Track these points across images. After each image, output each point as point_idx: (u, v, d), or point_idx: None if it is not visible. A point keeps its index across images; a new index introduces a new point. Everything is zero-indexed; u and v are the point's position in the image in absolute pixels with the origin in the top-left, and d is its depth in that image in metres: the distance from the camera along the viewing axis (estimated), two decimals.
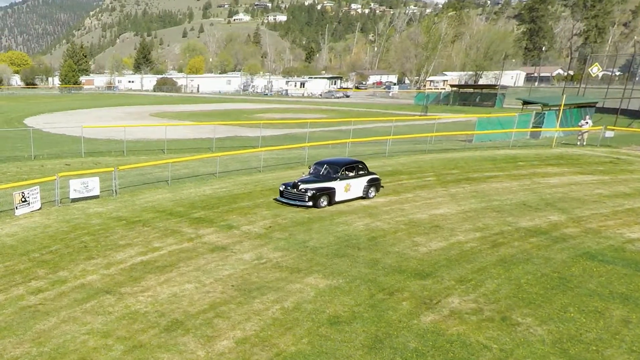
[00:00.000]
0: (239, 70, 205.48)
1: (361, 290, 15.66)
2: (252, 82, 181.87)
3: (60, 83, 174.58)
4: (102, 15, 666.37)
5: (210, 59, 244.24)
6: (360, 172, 25.14)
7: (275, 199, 25.35)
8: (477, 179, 31.54)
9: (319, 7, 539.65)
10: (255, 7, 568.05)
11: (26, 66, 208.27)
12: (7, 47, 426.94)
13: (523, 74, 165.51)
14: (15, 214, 23.82)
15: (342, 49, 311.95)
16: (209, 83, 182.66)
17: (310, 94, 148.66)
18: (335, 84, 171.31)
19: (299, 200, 23.91)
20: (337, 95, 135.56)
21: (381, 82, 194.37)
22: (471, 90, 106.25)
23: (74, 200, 26.63)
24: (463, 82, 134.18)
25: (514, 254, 18.74)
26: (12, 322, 13.45)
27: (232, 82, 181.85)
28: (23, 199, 24.25)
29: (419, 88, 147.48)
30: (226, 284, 16.24)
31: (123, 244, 20.03)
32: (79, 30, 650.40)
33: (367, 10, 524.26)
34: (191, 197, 27.27)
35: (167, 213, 24.56)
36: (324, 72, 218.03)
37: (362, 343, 12.60)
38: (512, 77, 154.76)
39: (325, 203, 23.95)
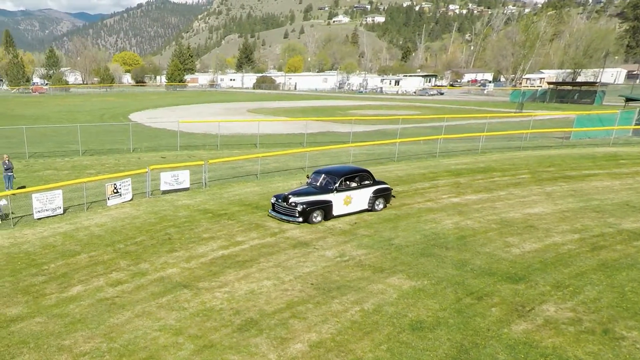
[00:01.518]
0: (336, 69, 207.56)
1: (447, 293, 14.48)
2: (347, 80, 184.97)
3: (166, 81, 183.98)
4: (209, 18, 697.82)
5: (309, 59, 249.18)
6: (365, 183, 22.32)
7: (269, 213, 22.53)
8: (575, 177, 29.01)
9: (416, 8, 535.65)
10: (354, 9, 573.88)
11: (137, 66, 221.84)
12: (121, 49, 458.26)
13: (624, 72, 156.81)
14: (107, 205, 24.72)
15: (438, 48, 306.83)
16: (306, 81, 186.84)
17: (405, 92, 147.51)
18: (429, 81, 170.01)
19: (289, 215, 21.19)
20: (431, 92, 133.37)
21: (476, 79, 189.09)
22: (569, 87, 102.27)
23: (165, 192, 27.30)
24: (561, 80, 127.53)
25: (616, 259, 16.77)
26: (87, 315, 13.60)
27: (329, 80, 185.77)
28: (115, 191, 25.11)
29: (514, 86, 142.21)
30: (305, 281, 15.63)
31: (206, 237, 20.03)
32: (187, 32, 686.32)
33: (464, 11, 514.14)
34: (278, 191, 26.99)
35: (253, 207, 24.45)
36: (419, 70, 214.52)
37: (445, 353, 11.48)
38: (612, 75, 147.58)
39: (319, 218, 21.16)
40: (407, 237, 19.46)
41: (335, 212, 21.53)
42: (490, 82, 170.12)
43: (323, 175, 22.28)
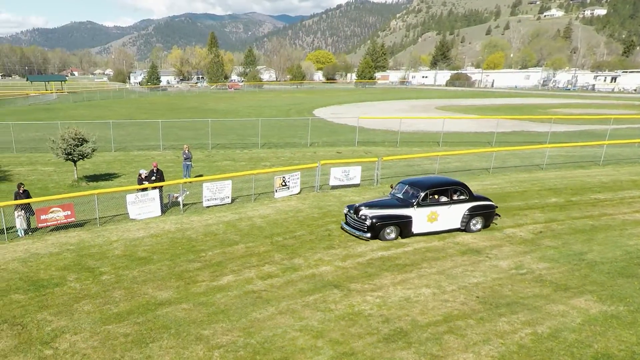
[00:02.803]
0: (541, 66, 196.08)
1: None
2: (553, 76, 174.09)
3: (356, 78, 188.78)
4: (407, 17, 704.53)
5: (512, 55, 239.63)
6: (458, 198, 19.27)
7: (341, 226, 20.26)
8: None
9: None
10: (570, 2, 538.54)
11: (329, 63, 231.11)
12: (317, 48, 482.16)
13: None
14: (275, 197, 25.18)
15: None
16: (505, 78, 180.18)
17: (622, 89, 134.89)
18: None
19: (358, 229, 18.96)
20: None
21: None
22: None
23: (334, 187, 27.19)
24: None
25: None
26: (231, 306, 13.54)
27: (531, 77, 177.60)
28: (283, 183, 25.50)
29: None
30: (470, 293, 14.10)
31: (367, 236, 19.28)
32: (383, 31, 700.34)
33: None
34: None
35: None
36: None
37: None
38: None
39: (393, 235, 18.69)
40: (604, 253, 16.96)
41: (415, 230, 18.84)
42: None
43: (407, 186, 19.62)
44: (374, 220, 18.20)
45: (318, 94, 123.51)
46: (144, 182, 22.61)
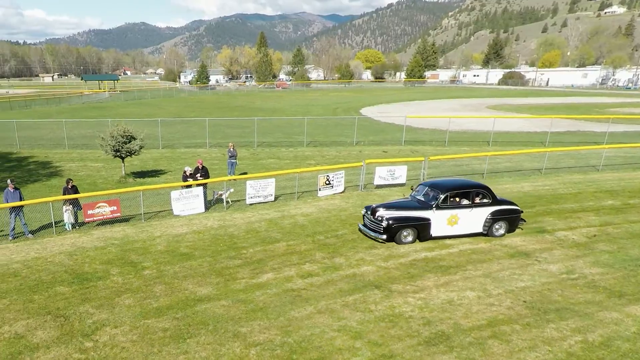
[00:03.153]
0: (600, 64, 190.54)
1: None
2: (613, 75, 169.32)
3: (405, 77, 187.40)
4: (460, 15, 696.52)
5: (568, 53, 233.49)
6: (481, 201, 18.52)
7: (358, 228, 19.69)
8: None
9: None
10: None
11: (378, 62, 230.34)
12: (366, 47, 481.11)
13: None
14: (318, 195, 25.07)
15: None
16: (561, 76, 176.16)
17: None
18: None
19: (373, 231, 18.34)
20: None
21: None
22: None
23: (378, 186, 26.91)
24: None
25: None
26: (269, 304, 13.47)
27: (589, 75, 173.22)
28: (327, 182, 25.37)
29: None
30: (517, 298, 13.65)
31: None
32: (435, 29, 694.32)
33: None
34: (505, 193, 24.82)
35: None
36: None
37: None
38: None
39: (410, 238, 18.07)
40: None
41: (434, 233, 18.20)
42: None
43: (427, 188, 19.02)
44: (390, 222, 17.63)
45: (366, 93, 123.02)
46: (188, 179, 22.82)
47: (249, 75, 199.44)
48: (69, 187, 20.43)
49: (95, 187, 26.81)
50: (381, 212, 18.00)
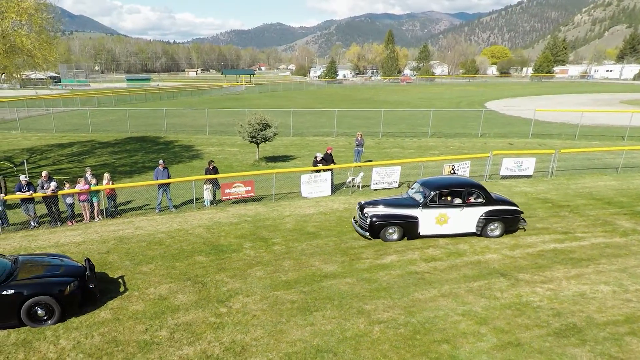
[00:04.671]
0: None
1: None
2: None
3: (532, 72, 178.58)
4: (594, 11, 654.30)
5: None
6: (474, 201, 16.64)
7: (352, 224, 18.03)
8: None
9: None
10: None
11: (504, 58, 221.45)
12: (492, 43, 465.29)
13: None
14: None
15: None
16: None
17: None
18: None
19: (361, 227, 16.90)
20: None
21: None
22: None
23: (504, 177, 25.68)
24: None
25: None
26: (393, 285, 13.10)
27: None
28: (452, 171, 24.51)
29: None
30: None
31: (539, 227, 17.78)
32: (566, 25, 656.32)
33: None
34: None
35: (604, 202, 21.01)
36: None
37: None
38: None
39: (395, 236, 16.47)
40: None
41: (422, 232, 16.59)
42: None
43: (420, 186, 17.43)
44: (373, 219, 16.36)
45: (490, 87, 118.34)
46: (318, 165, 22.94)
47: (374, 71, 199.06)
48: (211, 168, 21.25)
49: (231, 169, 27.74)
50: (367, 209, 16.84)
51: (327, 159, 23.73)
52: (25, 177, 18.67)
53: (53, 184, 18.37)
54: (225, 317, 11.49)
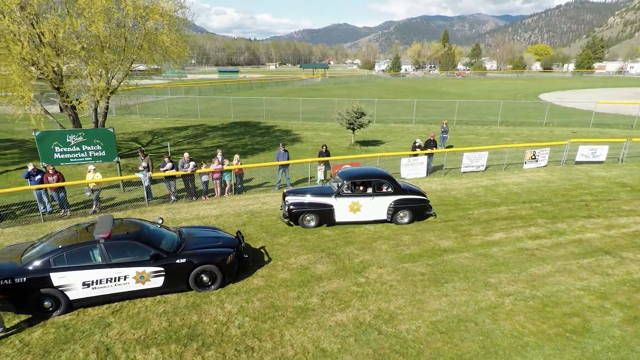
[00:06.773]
0: None
1: None
2: None
3: (573, 68, 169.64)
4: (626, 14, 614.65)
5: None
6: (384, 190, 15.48)
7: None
8: None
9: None
10: None
11: (546, 56, 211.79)
12: (533, 43, 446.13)
13: None
14: (523, 168, 23.22)
15: None
16: None
17: None
18: None
19: (284, 215, 15.71)
20: None
21: None
22: None
23: (578, 162, 24.27)
24: None
25: None
26: (509, 260, 12.48)
27: None
28: (533, 157, 23.40)
29: None
30: None
31: (627, 210, 16.64)
32: (600, 27, 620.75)
33: None
34: None
35: None
36: None
37: None
38: None
39: (313, 223, 15.31)
40: None
41: (338, 219, 15.45)
42: None
43: (338, 176, 16.16)
44: (291, 207, 15.32)
45: (537, 81, 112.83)
46: (416, 149, 22.33)
47: (432, 65, 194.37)
48: (324, 150, 20.97)
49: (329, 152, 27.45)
50: (287, 198, 15.81)
51: (428, 145, 23.08)
52: (169, 158, 18.97)
53: (192, 164, 18.62)
54: (365, 286, 11.17)
